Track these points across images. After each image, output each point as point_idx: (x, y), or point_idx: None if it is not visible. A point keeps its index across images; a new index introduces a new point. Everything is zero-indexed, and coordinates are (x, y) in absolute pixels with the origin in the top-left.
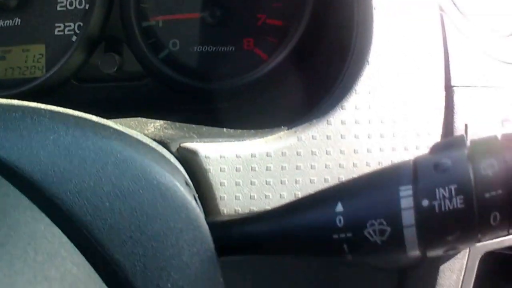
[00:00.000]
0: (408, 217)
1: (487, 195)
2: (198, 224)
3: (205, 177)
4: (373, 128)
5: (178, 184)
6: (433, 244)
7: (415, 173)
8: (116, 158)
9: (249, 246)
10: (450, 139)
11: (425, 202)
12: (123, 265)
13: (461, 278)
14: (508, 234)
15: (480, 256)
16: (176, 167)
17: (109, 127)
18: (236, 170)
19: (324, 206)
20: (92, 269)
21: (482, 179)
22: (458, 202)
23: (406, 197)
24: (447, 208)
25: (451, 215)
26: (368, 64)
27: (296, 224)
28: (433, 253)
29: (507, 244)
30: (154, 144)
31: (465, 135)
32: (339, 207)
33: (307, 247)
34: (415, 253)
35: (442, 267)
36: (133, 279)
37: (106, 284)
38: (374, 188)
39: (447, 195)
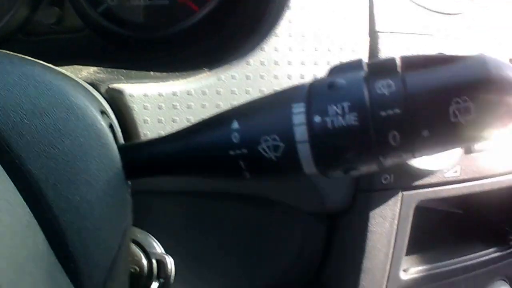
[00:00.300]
0: (301, 133)
1: (383, 113)
2: (106, 142)
3: (130, 115)
4: (293, 70)
5: (90, 105)
6: (330, 162)
7: (310, 92)
8: (36, 81)
9: (154, 167)
10: (347, 62)
11: (317, 119)
12: (37, 177)
13: (395, 226)
14: (414, 158)
15: (414, 204)
16: (93, 95)
17: (36, 61)
18: (158, 108)
19: (222, 124)
20: (8, 178)
21: (378, 98)
22: (351, 119)
23: (298, 113)
24: (339, 124)
25: (344, 132)
26: (289, 9)
27: (197, 143)
28: (333, 173)
29: (444, 194)
30: (83, 83)
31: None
32: (235, 125)
33: (208, 165)
34: (312, 171)
35: (372, 213)
36: (45, 190)
37: (20, 193)
38: (269, 106)
39: (339, 111)
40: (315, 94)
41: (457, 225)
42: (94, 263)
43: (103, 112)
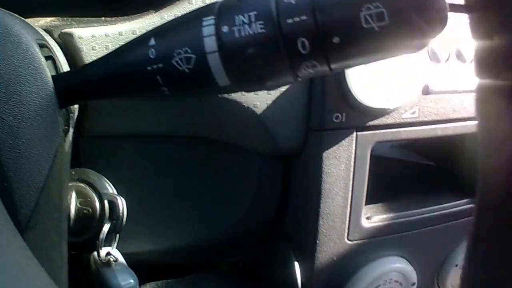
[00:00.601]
0: (210, 44)
1: (289, 20)
2: (39, 67)
3: (79, 56)
4: None
5: (25, 34)
6: (241, 72)
7: (220, 7)
8: None
9: (84, 92)
10: None
11: (225, 29)
12: None
13: (352, 169)
14: (331, 70)
15: (371, 146)
16: (32, 28)
17: None
18: (106, 48)
19: (141, 43)
20: None
21: (284, 6)
22: (257, 27)
23: (208, 25)
24: (246, 33)
25: (251, 40)
26: None
27: (120, 63)
28: (248, 85)
29: (403, 136)
30: (38, 28)
31: None
32: (152, 41)
33: (130, 83)
34: (226, 82)
35: (325, 154)
36: None
37: None
38: (182, 22)
39: (246, 21)
40: (224, 7)
41: (429, 177)
42: (26, 182)
43: (43, 46)
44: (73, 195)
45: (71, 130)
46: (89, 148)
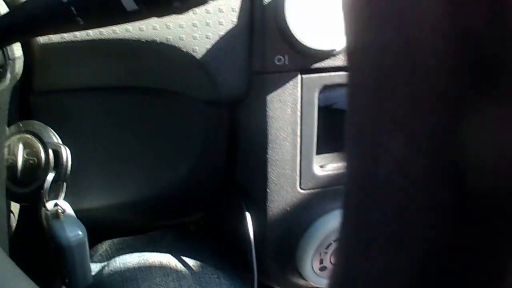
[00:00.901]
0: None
1: None
2: None
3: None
4: None
5: None
6: None
7: None
8: None
9: (12, 32)
10: None
11: None
12: None
13: (299, 113)
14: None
15: (318, 89)
16: None
17: None
18: None
19: None
20: None
21: None
22: None
23: None
24: None
25: None
26: None
27: (40, 0)
28: (156, 10)
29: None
30: None
31: None
32: None
33: (49, 18)
34: (133, 7)
35: (269, 98)
36: None
37: None
38: None
39: None
40: None
41: None
42: None
43: None
44: (20, 146)
45: (8, 75)
46: (40, 103)
